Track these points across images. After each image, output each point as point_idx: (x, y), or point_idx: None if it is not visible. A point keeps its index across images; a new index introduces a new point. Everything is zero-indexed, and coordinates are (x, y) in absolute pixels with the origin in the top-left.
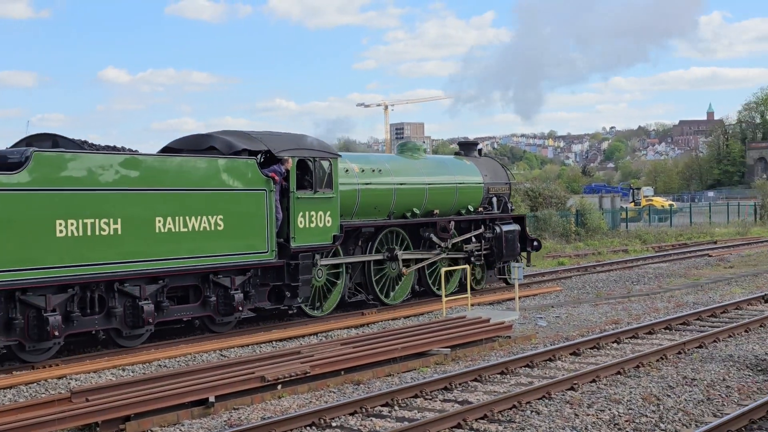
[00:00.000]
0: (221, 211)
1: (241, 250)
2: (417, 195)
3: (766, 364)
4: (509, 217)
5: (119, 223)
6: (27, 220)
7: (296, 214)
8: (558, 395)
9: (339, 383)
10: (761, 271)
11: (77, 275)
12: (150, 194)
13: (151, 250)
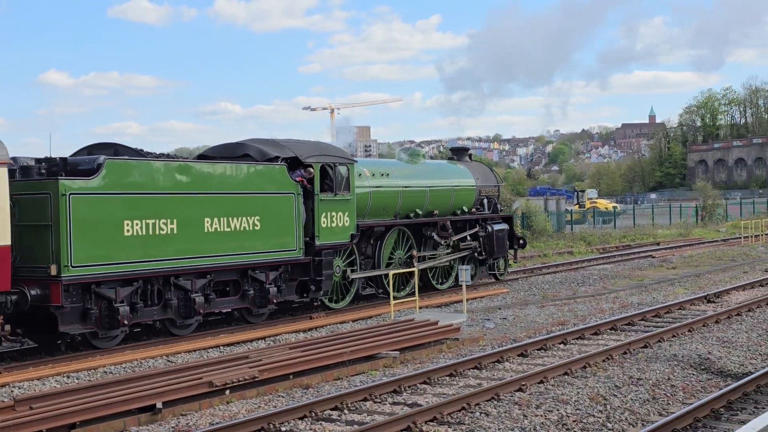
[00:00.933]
0: (258, 213)
1: (275, 248)
2: (419, 197)
3: (709, 363)
4: (499, 217)
5: (175, 224)
6: (101, 221)
7: (320, 214)
8: (506, 396)
9: (288, 387)
10: (703, 272)
11: (141, 270)
12: (200, 197)
13: (201, 247)
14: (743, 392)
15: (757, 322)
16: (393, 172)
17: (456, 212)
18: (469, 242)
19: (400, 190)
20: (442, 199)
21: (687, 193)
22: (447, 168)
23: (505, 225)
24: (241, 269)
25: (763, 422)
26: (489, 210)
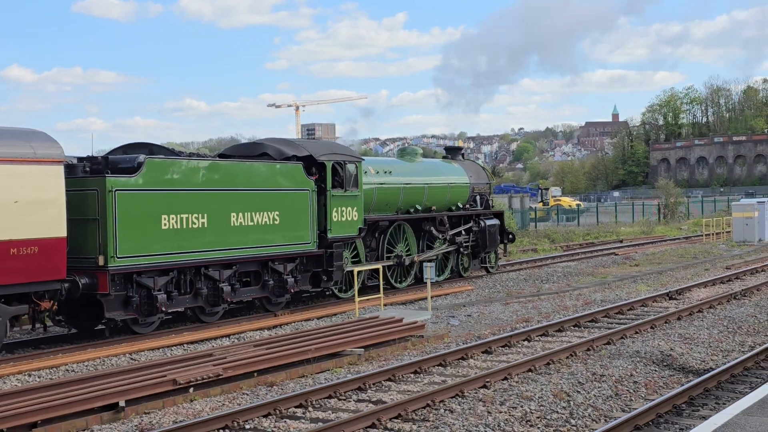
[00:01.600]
0: (277, 208)
1: (292, 241)
2: (419, 193)
3: (671, 359)
4: (490, 212)
5: (206, 218)
6: (141, 215)
7: (331, 209)
8: (471, 393)
9: (252, 385)
10: (665, 269)
11: (176, 261)
12: (227, 193)
13: (227, 240)
14: (704, 388)
15: (718, 318)
16: (395, 169)
17: (451, 208)
18: (463, 236)
19: (401, 187)
20: (439, 195)
21: (649, 192)
22: (442, 166)
23: (496, 220)
24: (262, 261)
25: (724, 418)
26: (481, 206)
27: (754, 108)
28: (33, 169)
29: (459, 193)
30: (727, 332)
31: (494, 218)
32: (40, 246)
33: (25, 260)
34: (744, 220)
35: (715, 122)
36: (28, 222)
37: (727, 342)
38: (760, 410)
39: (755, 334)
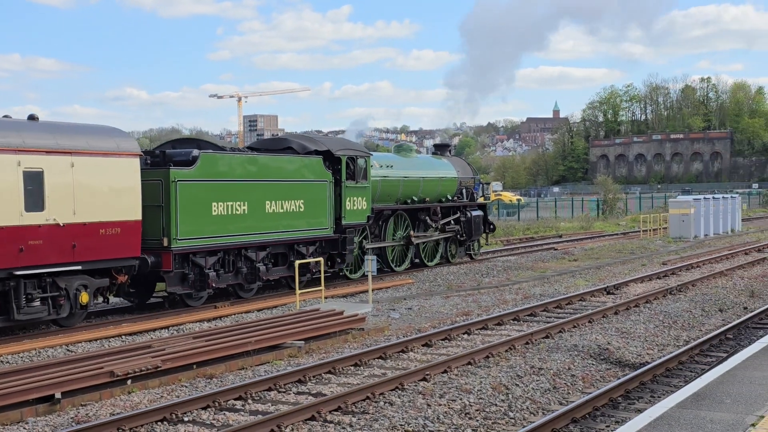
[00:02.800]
0: (302, 197)
1: (314, 227)
2: (415, 186)
3: (608, 353)
4: (475, 204)
5: (246, 205)
6: (197, 202)
7: (345, 198)
8: (411, 386)
9: (191, 377)
10: (604, 264)
11: (223, 243)
12: (263, 184)
13: (263, 225)
14: (640, 381)
15: (654, 313)
16: (395, 164)
17: (441, 200)
18: (452, 226)
19: (401, 180)
20: (432, 188)
21: (589, 187)
22: (434, 161)
23: (480, 212)
24: (289, 244)
25: (659, 411)
26: (467, 198)
27: (692, 106)
28: (117, 161)
29: (448, 186)
30: (663, 327)
31: (478, 209)
32: (122, 227)
33: (110, 239)
34: (680, 216)
35: (654, 120)
36: (113, 206)
37: (663, 336)
38: (695, 403)
39: (690, 328)
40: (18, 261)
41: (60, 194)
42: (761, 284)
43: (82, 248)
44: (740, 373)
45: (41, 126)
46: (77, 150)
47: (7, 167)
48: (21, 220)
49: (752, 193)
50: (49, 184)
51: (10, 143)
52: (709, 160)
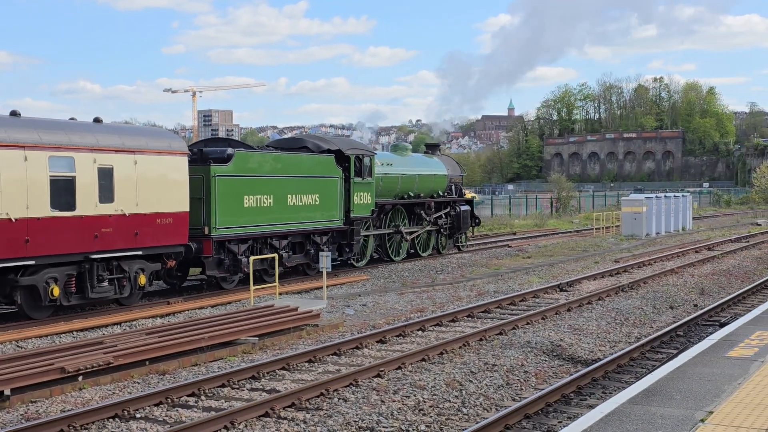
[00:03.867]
0: (317, 192)
1: (327, 219)
2: (411, 182)
3: (561, 350)
4: (463, 200)
5: (272, 199)
6: (231, 196)
7: (353, 193)
8: (365, 382)
9: (144, 374)
10: (557, 261)
11: (253, 232)
12: (286, 179)
13: (285, 217)
14: (592, 378)
15: (606, 310)
16: (394, 162)
17: (433, 195)
18: (443, 219)
19: (399, 176)
20: (426, 184)
21: (543, 185)
22: (427, 159)
23: (467, 207)
24: (306, 234)
25: (610, 407)
26: (456, 194)
27: (645, 106)
28: (170, 159)
29: (439, 182)
30: (615, 324)
31: (466, 204)
32: (174, 218)
33: (164, 228)
34: (633, 214)
35: (607, 119)
36: (167, 199)
37: (615, 333)
38: (645, 399)
39: (641, 325)
40: (93, 246)
41: (126, 188)
42: (711, 282)
43: (142, 236)
44: (690, 369)
45: (108, 128)
46: (139, 149)
47: (86, 164)
48: (96, 210)
49: (703, 192)
50: (118, 178)
51: (88, 143)
52: (661, 159)
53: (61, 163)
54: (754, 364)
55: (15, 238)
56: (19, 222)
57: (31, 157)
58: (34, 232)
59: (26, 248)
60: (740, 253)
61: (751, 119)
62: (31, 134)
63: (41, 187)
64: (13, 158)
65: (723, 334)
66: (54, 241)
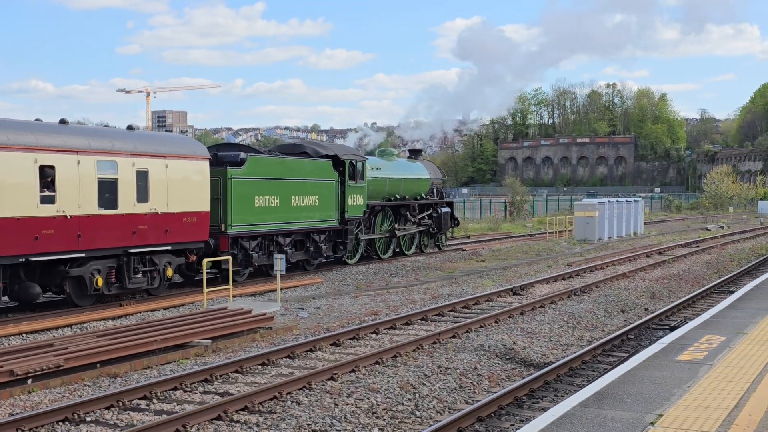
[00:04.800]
0: (317, 193)
1: (325, 218)
2: (398, 185)
3: (514, 353)
4: (444, 202)
5: (278, 199)
6: (244, 196)
7: (348, 196)
8: (318, 385)
9: (95, 376)
10: (510, 265)
11: (262, 230)
12: (290, 181)
13: (290, 216)
14: (544, 381)
15: (558, 314)
16: (382, 166)
17: (416, 198)
18: (426, 220)
19: (387, 180)
20: (410, 187)
21: (497, 189)
22: (411, 164)
23: (448, 208)
24: (306, 232)
25: (562, 410)
26: (437, 197)
27: (598, 111)
28: (194, 163)
29: (423, 185)
30: (567, 327)
31: (447, 207)
32: (197, 216)
33: (189, 226)
34: (585, 219)
35: (561, 124)
36: (191, 199)
37: (567, 336)
38: (597, 402)
39: (593, 329)
40: (131, 241)
41: (159, 189)
42: (662, 286)
43: (171, 232)
44: (641, 372)
45: (143, 135)
46: (169, 154)
47: (127, 167)
48: (134, 209)
49: (654, 197)
50: (152, 180)
51: (128, 148)
52: (614, 164)
53: (106, 167)
54: (703, 367)
55: (70, 234)
56: (73, 219)
57: (83, 161)
58: (85, 228)
59: (78, 242)
60: (690, 257)
61: (702, 126)
62: (83, 140)
63: (91, 188)
64: (69, 162)
65: (673, 338)
66: (100, 237)
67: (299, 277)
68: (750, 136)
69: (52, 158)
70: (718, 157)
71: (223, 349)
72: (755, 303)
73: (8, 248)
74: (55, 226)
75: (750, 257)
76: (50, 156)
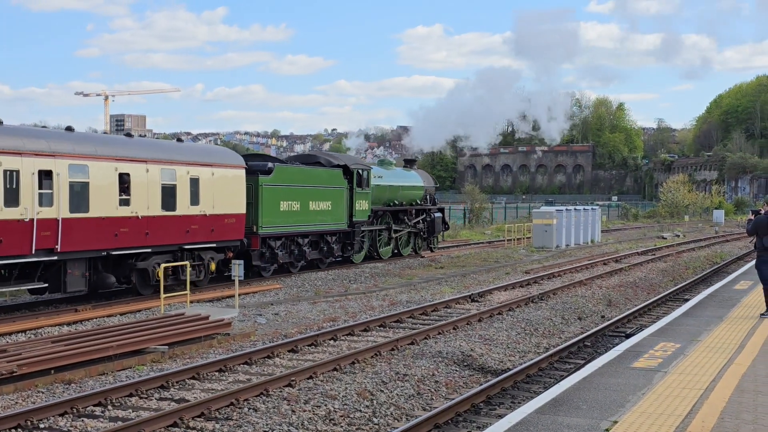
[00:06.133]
0: (329, 199)
1: (336, 221)
2: (396, 191)
3: (471, 360)
4: (436, 208)
5: (299, 204)
6: (272, 201)
7: (355, 201)
8: (276, 392)
9: (49, 383)
10: (469, 272)
11: (285, 231)
12: (308, 188)
13: (308, 219)
14: (502, 388)
15: (516, 321)
16: (384, 175)
17: (412, 203)
18: (420, 224)
19: (388, 187)
20: (407, 194)
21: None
22: (407, 173)
23: (440, 213)
24: (321, 234)
25: (518, 416)
26: (430, 203)
27: None
28: (233, 172)
29: (417, 192)
30: (525, 334)
31: (438, 212)
32: (236, 218)
33: (230, 226)
34: (543, 226)
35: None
36: (232, 203)
37: (524, 343)
38: (553, 409)
39: (550, 336)
40: (185, 239)
41: (207, 194)
42: (618, 293)
43: (216, 231)
44: (596, 379)
45: (194, 147)
46: (215, 163)
47: (183, 174)
48: (188, 211)
49: (612, 206)
50: (202, 186)
51: (184, 159)
52: (572, 173)
53: (167, 174)
54: (658, 374)
55: (140, 231)
56: (143, 219)
57: (150, 169)
58: (151, 227)
59: (146, 239)
60: (646, 265)
61: (659, 135)
62: (150, 152)
63: (156, 193)
64: (140, 170)
65: (628, 345)
66: (162, 234)
67: (257, 283)
68: (706, 145)
69: (128, 167)
70: (675, 167)
71: (180, 356)
72: (709, 311)
73: (95, 243)
74: (130, 225)
75: (705, 265)
76: (126, 165)
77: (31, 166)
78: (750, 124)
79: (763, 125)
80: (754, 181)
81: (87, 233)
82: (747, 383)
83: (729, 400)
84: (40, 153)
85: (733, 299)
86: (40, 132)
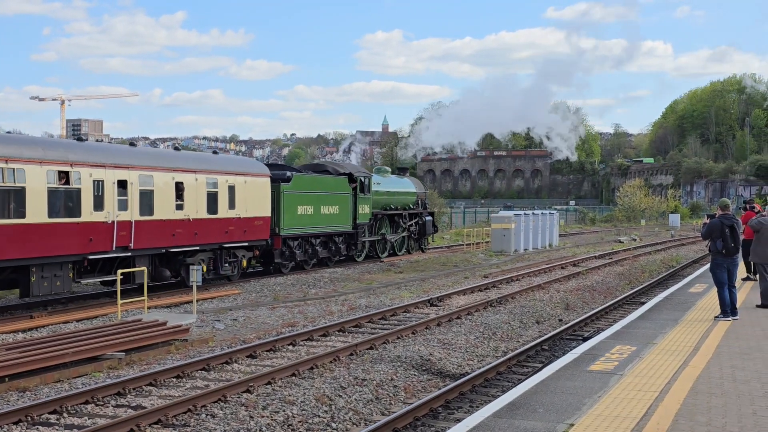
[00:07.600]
0: (337, 204)
1: (342, 224)
2: (392, 197)
3: (430, 364)
4: (427, 212)
5: (312, 208)
6: (292, 206)
7: (358, 206)
8: (234, 398)
9: (3, 391)
10: (428, 277)
11: (302, 233)
12: (320, 194)
13: (319, 221)
14: (460, 392)
15: (474, 325)
16: (381, 182)
17: (406, 208)
18: (413, 227)
19: (385, 192)
20: (401, 199)
21: None
22: (401, 180)
23: (430, 217)
24: (329, 235)
25: (476, 420)
26: (422, 208)
27: None
28: (261, 180)
29: (410, 198)
30: (483, 338)
31: (429, 216)
32: (263, 221)
33: (258, 227)
34: (502, 231)
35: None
36: (259, 207)
37: (483, 347)
38: (509, 413)
39: (508, 339)
40: (224, 238)
41: (241, 199)
42: (576, 297)
43: (248, 232)
44: (553, 383)
45: (229, 158)
46: (247, 173)
47: (223, 182)
48: (227, 214)
49: (569, 210)
50: (237, 193)
51: (223, 169)
52: (530, 177)
53: (211, 182)
54: (614, 377)
55: (191, 232)
56: (193, 221)
57: (198, 178)
58: (199, 228)
59: (195, 238)
60: (603, 269)
61: (616, 140)
62: (197, 163)
63: (203, 198)
64: (190, 179)
65: (585, 348)
66: (208, 234)
67: (216, 289)
68: (662, 150)
69: (182, 176)
70: (631, 171)
71: (137, 362)
72: (665, 314)
73: (158, 242)
74: (183, 226)
75: (661, 269)
76: (180, 175)
77: (112, 177)
78: (705, 129)
79: (717, 130)
80: (709, 185)
81: (152, 233)
82: (701, 385)
83: (683, 402)
84: (118, 165)
85: (689, 302)
86: (117, 148)
